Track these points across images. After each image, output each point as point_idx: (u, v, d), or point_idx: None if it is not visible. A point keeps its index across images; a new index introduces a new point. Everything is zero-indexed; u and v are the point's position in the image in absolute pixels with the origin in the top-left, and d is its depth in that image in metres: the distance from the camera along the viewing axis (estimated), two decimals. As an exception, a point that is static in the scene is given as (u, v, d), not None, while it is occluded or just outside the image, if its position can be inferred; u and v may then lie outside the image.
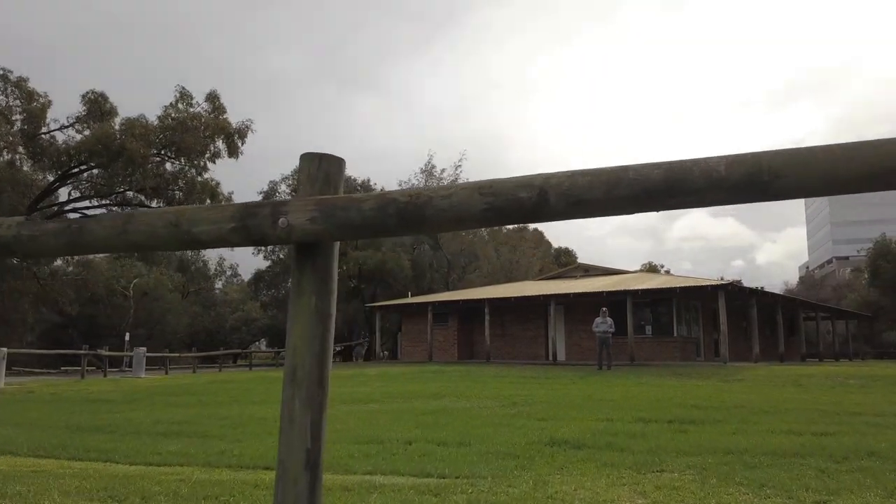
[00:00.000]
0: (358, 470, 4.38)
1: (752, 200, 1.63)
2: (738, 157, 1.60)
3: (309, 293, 1.97)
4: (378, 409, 10.04)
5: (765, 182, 1.56)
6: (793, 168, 1.55)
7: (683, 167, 1.62)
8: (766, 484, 3.80)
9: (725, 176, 1.59)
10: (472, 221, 1.78)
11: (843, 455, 4.74)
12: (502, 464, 4.51)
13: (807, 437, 6.23)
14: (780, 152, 1.58)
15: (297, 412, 1.94)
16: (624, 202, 1.66)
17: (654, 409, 9.65)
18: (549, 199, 1.69)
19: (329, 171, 2.04)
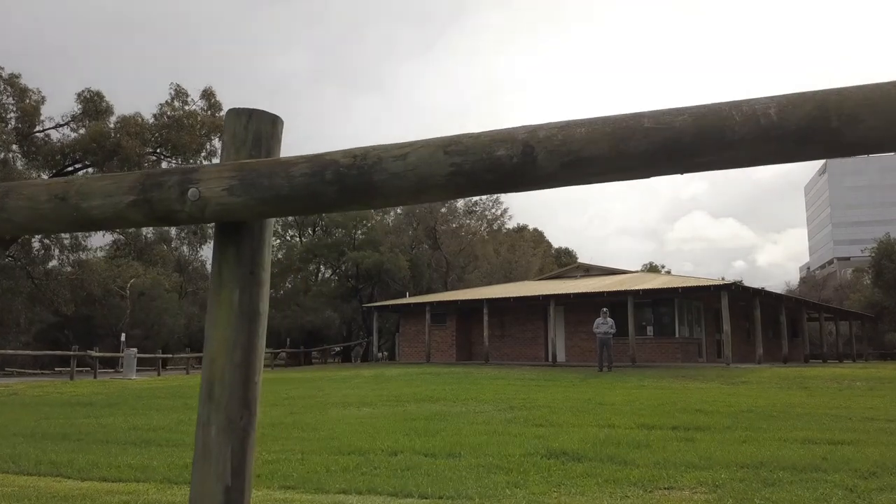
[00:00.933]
0: (331, 488, 3.95)
1: (815, 157, 1.19)
2: (794, 96, 1.16)
3: (231, 285, 1.53)
4: (369, 414, 9.61)
5: (834, 128, 1.12)
6: (877, 108, 1.11)
7: (720, 112, 1.19)
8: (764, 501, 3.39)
9: (777, 122, 1.15)
10: (436, 190, 1.34)
11: (870, 470, 4.31)
12: (493, 479, 4.09)
13: (823, 446, 5.80)
14: (857, 89, 1.14)
15: (214, 440, 1.50)
16: (637, 161, 1.23)
17: (658, 414, 9.21)
18: (537, 158, 1.26)
19: (260, 130, 1.61)
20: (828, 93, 1.15)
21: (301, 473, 4.38)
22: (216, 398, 1.51)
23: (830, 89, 1.15)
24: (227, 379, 1.51)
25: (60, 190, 1.59)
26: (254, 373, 1.55)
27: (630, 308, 22.76)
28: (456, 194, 1.36)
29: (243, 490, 1.50)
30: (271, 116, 1.65)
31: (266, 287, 1.61)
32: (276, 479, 4.23)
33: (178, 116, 35.57)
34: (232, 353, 1.52)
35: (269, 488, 4.00)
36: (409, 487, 3.88)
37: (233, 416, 1.51)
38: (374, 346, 32.23)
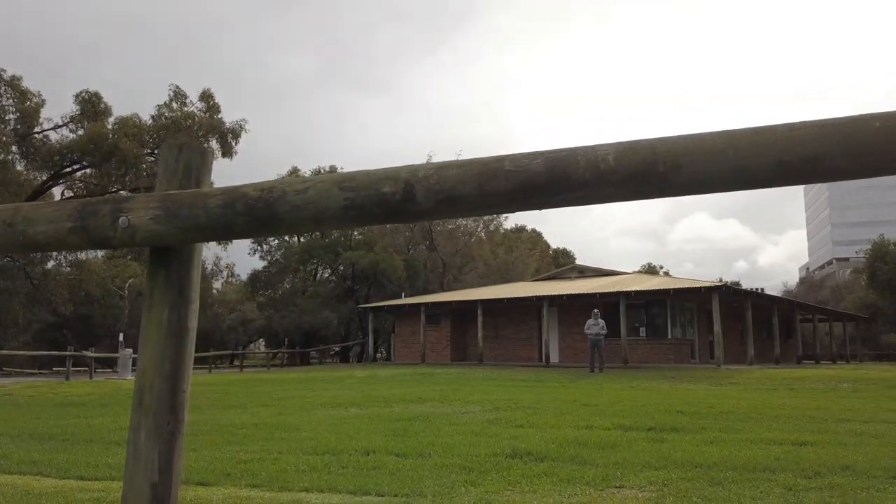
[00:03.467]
0: (295, 486, 4.12)
1: (648, 196, 1.37)
2: (630, 143, 1.34)
3: (161, 305, 1.70)
4: (355, 415, 9.77)
5: (661, 174, 1.30)
6: (695, 156, 1.28)
7: (568, 157, 1.36)
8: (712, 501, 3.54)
9: (615, 167, 1.32)
10: (331, 221, 1.52)
11: (816, 470, 4.47)
12: (453, 478, 4.25)
13: (786, 447, 5.97)
14: (676, 138, 1.31)
15: (143, 443, 1.68)
16: (500, 199, 1.40)
17: (638, 415, 9.37)
18: (416, 195, 1.43)
19: (191, 162, 1.78)
20: (657, 141, 1.32)
21: (270, 472, 4.55)
22: (146, 405, 1.68)
23: (659, 138, 1.32)
24: (155, 389, 1.68)
25: (9, 216, 1.76)
26: (181, 383, 1.72)
27: (622, 309, 22.93)
28: (349, 225, 1.54)
29: (170, 487, 1.67)
30: (201, 149, 1.82)
31: (194, 305, 1.78)
32: (244, 477, 4.41)
33: (177, 118, 35.74)
34: (161, 365, 1.68)
35: (235, 486, 4.18)
36: (369, 486, 4.05)
37: (160, 421, 1.67)
38: (369, 346, 32.38)
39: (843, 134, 1.21)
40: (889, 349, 44.74)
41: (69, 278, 41.68)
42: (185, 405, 1.77)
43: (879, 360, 38.89)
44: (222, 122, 36.42)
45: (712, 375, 18.27)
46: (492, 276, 39.56)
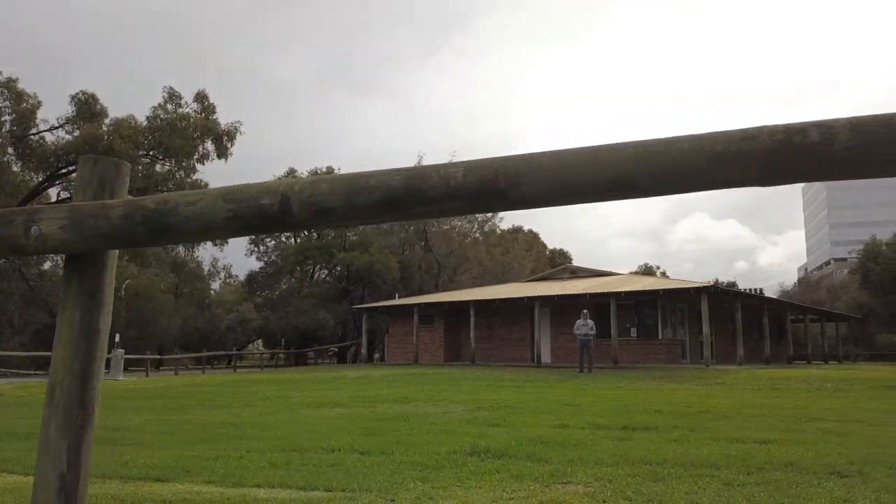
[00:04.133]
0: (248, 482, 4.25)
1: (494, 209, 1.50)
2: (476, 162, 1.46)
3: (73, 308, 1.83)
4: (336, 415, 9.90)
5: (502, 189, 1.42)
6: (531, 175, 1.41)
7: (423, 173, 1.49)
8: (654, 499, 3.66)
9: (463, 183, 1.45)
10: (218, 231, 1.64)
11: (761, 466, 4.60)
12: (406, 474, 4.38)
13: (746, 445, 6.09)
14: (516, 157, 1.44)
15: (53, 436, 1.80)
16: (366, 211, 1.52)
17: (616, 415, 9.48)
18: (292, 207, 1.56)
19: (105, 174, 1.90)
20: (500, 160, 1.45)
21: (229, 470, 4.68)
22: (56, 401, 1.81)
23: (502, 157, 1.45)
24: (66, 385, 1.81)
25: (-69, 226, 1.88)
26: (91, 380, 1.84)
27: (612, 310, 23.06)
28: (234, 234, 1.67)
29: (78, 479, 1.80)
30: (115, 162, 1.94)
31: (106, 308, 1.90)
32: (203, 474, 4.54)
33: (171, 119, 35.88)
34: (72, 364, 1.81)
35: (191, 483, 4.31)
36: (320, 482, 4.18)
37: (70, 416, 1.80)
38: (362, 347, 32.51)
39: (654, 154, 1.34)
40: (883, 349, 44.87)
41: (65, 279, 41.79)
42: (96, 401, 1.89)
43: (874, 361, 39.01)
44: (217, 124, 36.57)
45: (700, 376, 18.39)
46: (487, 277, 39.69)
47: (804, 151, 1.26)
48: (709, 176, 1.32)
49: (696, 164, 1.32)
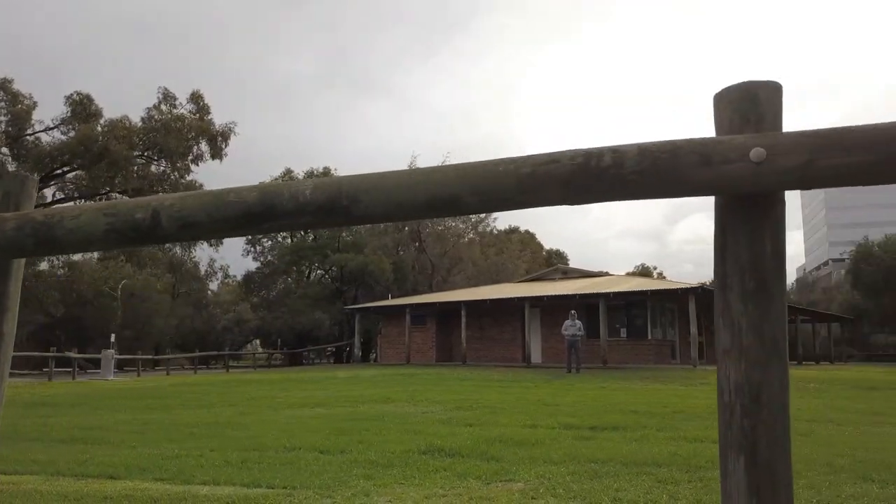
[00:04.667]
0: (195, 480, 4.38)
1: (339, 224, 1.62)
2: (322, 180, 1.59)
3: (-24, 313, 1.95)
4: (314, 414, 10.02)
5: (344, 206, 1.55)
6: (370, 193, 1.53)
7: (277, 190, 1.61)
8: (581, 495, 3.79)
9: (311, 200, 1.57)
10: (98, 243, 1.77)
11: (701, 465, 4.72)
12: (353, 472, 4.50)
13: (703, 444, 6.21)
14: (357, 177, 1.56)
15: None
16: (227, 224, 1.65)
17: (590, 415, 9.60)
18: (162, 221, 1.68)
19: (10, 189, 2.03)
20: (343, 179, 1.57)
21: (183, 468, 4.81)
22: (-42, 401, 1.93)
23: (345, 176, 1.58)
24: (-31, 385, 1.93)
25: None
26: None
27: (601, 310, 23.18)
28: (112, 246, 1.79)
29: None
30: (21, 177, 2.07)
31: (11, 313, 2.03)
32: (155, 472, 4.67)
33: (166, 120, 35.99)
34: (-25, 365, 1.94)
35: (142, 480, 4.43)
36: (264, 479, 4.30)
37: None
38: (355, 347, 32.64)
39: (475, 176, 1.47)
40: (878, 350, 44.94)
41: (60, 280, 41.95)
42: (2, 400, 2.02)
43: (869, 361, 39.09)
44: (212, 124, 36.69)
45: (686, 376, 18.50)
46: (481, 278, 39.80)
47: (599, 174, 1.38)
48: (519, 195, 1.45)
49: (508, 185, 1.44)
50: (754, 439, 1.35)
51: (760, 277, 1.37)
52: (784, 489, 1.34)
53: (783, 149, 1.29)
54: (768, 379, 1.36)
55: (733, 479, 1.36)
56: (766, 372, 1.36)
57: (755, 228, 1.38)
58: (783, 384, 1.37)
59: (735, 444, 1.37)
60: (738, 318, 1.38)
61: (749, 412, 1.36)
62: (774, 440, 1.34)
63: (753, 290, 1.37)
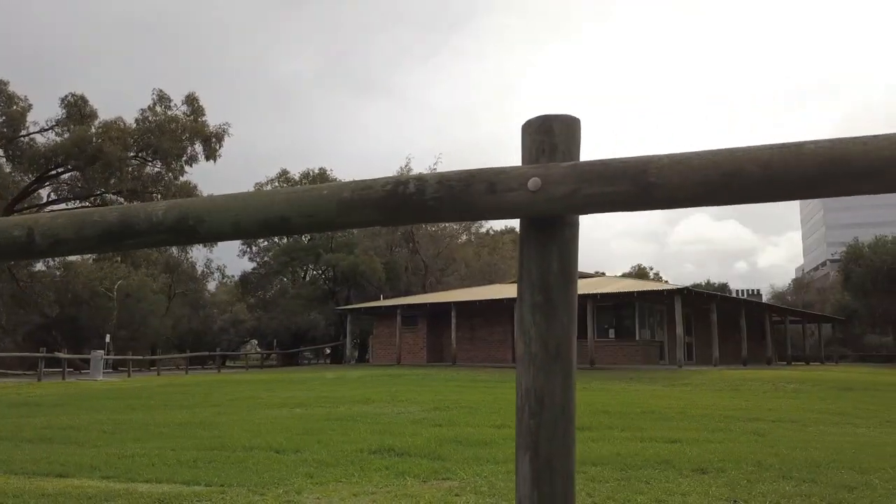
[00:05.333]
0: (139, 478, 4.53)
1: (189, 242, 1.78)
2: (173, 202, 1.74)
3: None
4: (291, 415, 10.17)
5: (191, 226, 1.70)
6: (213, 214, 1.69)
7: (134, 211, 1.76)
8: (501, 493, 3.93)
9: (163, 220, 1.73)
10: (-19, 257, 1.92)
11: (639, 465, 4.86)
12: (298, 471, 4.65)
13: (656, 444, 6.35)
14: (204, 199, 1.72)
15: None
16: (92, 241, 1.80)
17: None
18: (35, 238, 1.83)
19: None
20: (191, 201, 1.73)
21: (133, 466, 4.96)
22: None
23: (192, 199, 1.74)
24: None
25: None
26: None
27: (589, 311, 23.33)
28: (-5, 261, 1.94)
29: None
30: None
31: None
32: (106, 470, 4.82)
33: (161, 121, 36.13)
34: None
35: (89, 478, 4.59)
36: (206, 478, 4.45)
37: None
38: (346, 347, 32.79)
39: (302, 199, 1.62)
40: (871, 350, 45.07)
41: (56, 280, 42.11)
42: None
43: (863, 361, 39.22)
44: (206, 125, 36.83)
45: (670, 377, 18.66)
46: (474, 278, 39.95)
47: (405, 200, 1.54)
48: (340, 217, 1.60)
49: (330, 208, 1.60)
50: (538, 437, 1.50)
51: (547, 292, 1.52)
52: (562, 481, 1.49)
53: (555, 179, 1.44)
54: (551, 384, 1.51)
55: (521, 472, 1.51)
56: (549, 377, 1.51)
57: (544, 248, 1.53)
58: (566, 388, 1.53)
59: (523, 441, 1.52)
60: (529, 328, 1.54)
61: (534, 413, 1.51)
62: (554, 438, 1.50)
63: (541, 304, 1.52)
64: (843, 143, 1.27)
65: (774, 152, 1.30)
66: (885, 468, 4.58)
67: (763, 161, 1.30)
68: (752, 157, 1.31)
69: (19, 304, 39.13)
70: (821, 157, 1.27)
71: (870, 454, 5.37)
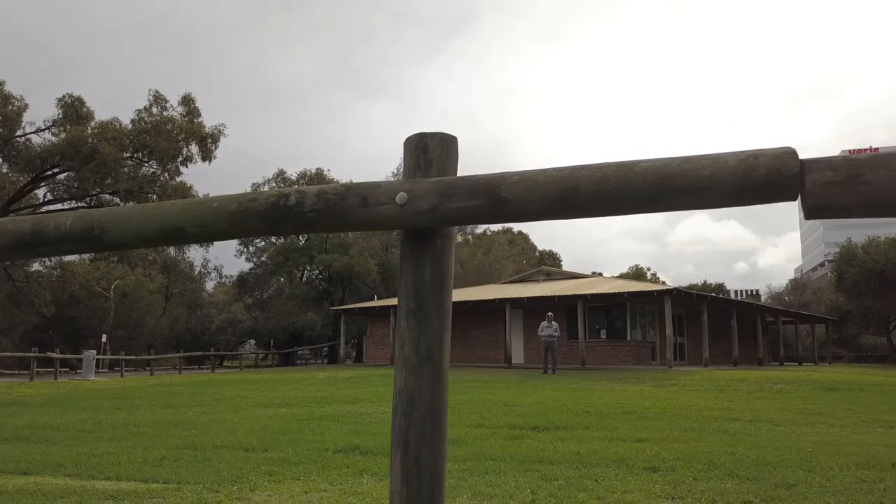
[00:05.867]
0: (100, 475, 4.64)
1: (93, 251, 1.88)
2: (80, 213, 1.84)
3: None
4: (274, 414, 10.26)
5: (96, 236, 1.80)
6: (116, 224, 1.79)
7: (44, 221, 1.87)
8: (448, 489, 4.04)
9: (71, 230, 1.83)
10: None
11: (596, 463, 4.97)
12: (260, 469, 4.75)
13: (624, 443, 6.45)
14: (108, 210, 1.82)
15: None
16: (7, 248, 1.90)
17: (540, 415, 9.84)
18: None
19: None
20: (96, 211, 1.83)
21: (97, 465, 5.06)
22: None
23: (100, 209, 1.84)
24: None
25: None
26: None
27: (580, 312, 23.43)
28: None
29: None
30: None
31: None
32: (70, 469, 4.93)
33: (157, 122, 36.21)
34: None
35: (52, 476, 4.69)
36: (165, 476, 4.55)
37: None
38: (340, 348, 32.91)
39: (196, 210, 1.72)
40: (867, 351, 45.16)
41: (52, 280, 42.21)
42: None
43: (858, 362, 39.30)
44: (202, 126, 36.90)
45: (658, 377, 18.73)
46: (469, 279, 40.01)
47: (286, 211, 1.64)
48: (231, 228, 1.70)
49: (220, 219, 1.70)
50: (408, 435, 1.60)
51: (420, 299, 1.62)
52: (428, 476, 1.59)
53: (420, 194, 1.54)
54: (421, 385, 1.61)
55: (393, 468, 1.61)
56: (420, 379, 1.61)
57: (418, 257, 1.63)
58: (435, 389, 1.63)
59: (396, 439, 1.62)
60: (403, 332, 1.64)
61: (405, 413, 1.61)
62: (423, 436, 1.59)
63: (414, 310, 1.62)
64: (669, 163, 1.37)
65: (609, 171, 1.40)
66: (832, 466, 4.68)
67: (598, 179, 1.40)
68: (588, 175, 1.41)
69: (15, 304, 39.24)
70: (650, 176, 1.37)
71: (826, 453, 5.46)
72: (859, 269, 33.60)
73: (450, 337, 1.68)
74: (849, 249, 36.43)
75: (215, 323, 58.32)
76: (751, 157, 1.32)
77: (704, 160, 1.35)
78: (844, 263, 35.24)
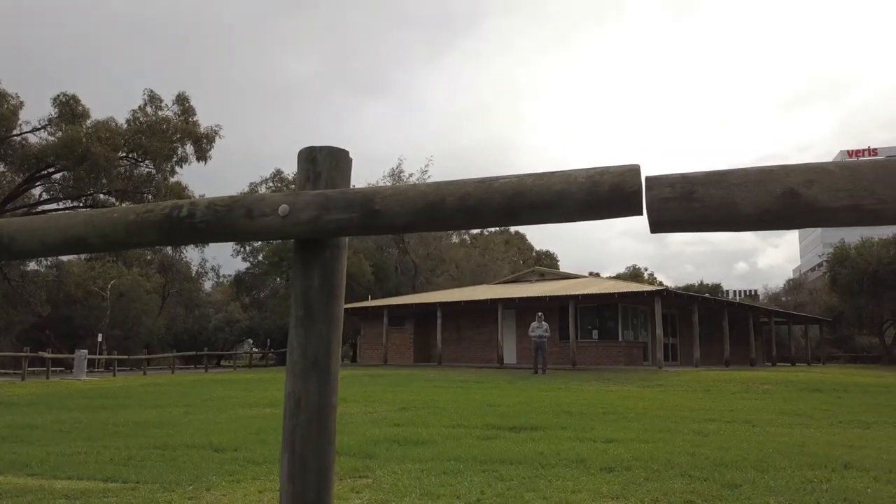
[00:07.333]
0: (62, 475, 4.71)
1: (3, 259, 1.94)
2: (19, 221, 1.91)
3: None
4: (258, 415, 10.33)
5: (5, 244, 1.87)
6: (23, 233, 1.85)
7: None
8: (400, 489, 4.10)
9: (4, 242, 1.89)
10: None
11: (555, 463, 5.03)
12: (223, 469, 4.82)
13: (593, 444, 6.51)
14: (15, 220, 1.89)
15: None
16: (-76, 258, 1.96)
17: (520, 416, 9.89)
18: None
19: None
20: (4, 221, 1.89)
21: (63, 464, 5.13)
22: None
23: (8, 219, 1.90)
24: None
25: None
26: None
27: (571, 312, 23.49)
28: None
29: None
30: None
31: None
32: (35, 468, 5.00)
33: (151, 122, 36.25)
34: None
35: (14, 475, 4.76)
36: (125, 475, 4.62)
37: None
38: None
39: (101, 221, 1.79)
40: (862, 351, 45.25)
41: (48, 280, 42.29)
42: None
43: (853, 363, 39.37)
44: (197, 126, 36.97)
45: (646, 378, 18.80)
46: (464, 279, 40.10)
47: (178, 222, 1.70)
48: (129, 238, 1.76)
49: (119, 229, 1.76)
50: (294, 437, 1.67)
51: (309, 306, 1.69)
52: (314, 476, 1.65)
53: (301, 206, 1.60)
54: (308, 389, 1.68)
55: (282, 469, 1.68)
56: (307, 383, 1.68)
57: (308, 267, 1.69)
58: (321, 393, 1.69)
59: (285, 440, 1.69)
60: (293, 339, 1.70)
61: (292, 416, 1.68)
62: (308, 438, 1.66)
63: (303, 317, 1.69)
64: (524, 179, 1.44)
65: (471, 186, 1.47)
66: (786, 467, 4.75)
67: (460, 194, 1.47)
68: (452, 190, 1.48)
69: (11, 303, 39.30)
70: (507, 191, 1.44)
71: (787, 454, 5.53)
72: (852, 270, 33.69)
73: (339, 343, 1.74)
74: (842, 250, 36.53)
75: (213, 322, 58.42)
76: (597, 174, 1.39)
77: (556, 177, 1.42)
78: (838, 264, 35.33)
